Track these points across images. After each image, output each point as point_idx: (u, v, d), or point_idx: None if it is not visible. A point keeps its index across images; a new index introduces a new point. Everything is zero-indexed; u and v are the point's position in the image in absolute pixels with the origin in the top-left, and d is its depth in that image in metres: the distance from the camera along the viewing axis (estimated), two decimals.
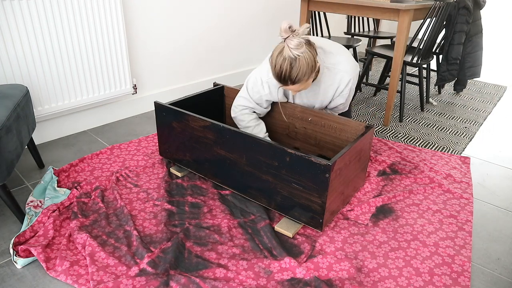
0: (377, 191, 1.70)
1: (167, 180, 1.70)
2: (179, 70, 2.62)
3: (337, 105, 1.72)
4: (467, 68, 2.84)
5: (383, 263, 1.29)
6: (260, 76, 1.66)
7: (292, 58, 1.36)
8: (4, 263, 1.24)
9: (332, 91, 1.65)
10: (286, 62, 1.37)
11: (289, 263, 1.24)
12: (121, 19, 2.08)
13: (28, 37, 1.77)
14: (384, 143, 2.15)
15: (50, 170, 1.68)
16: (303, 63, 1.37)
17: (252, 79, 1.69)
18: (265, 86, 1.65)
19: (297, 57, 1.36)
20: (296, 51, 1.35)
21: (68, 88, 1.99)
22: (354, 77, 1.63)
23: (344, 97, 1.67)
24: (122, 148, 1.97)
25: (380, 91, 3.10)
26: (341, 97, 1.67)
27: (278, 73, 1.41)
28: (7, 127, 1.31)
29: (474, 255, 1.36)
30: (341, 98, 1.68)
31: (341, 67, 1.60)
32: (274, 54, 1.41)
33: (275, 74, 1.43)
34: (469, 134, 2.37)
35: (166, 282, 1.15)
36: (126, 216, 1.44)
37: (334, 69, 1.60)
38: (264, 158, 1.39)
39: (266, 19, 3.15)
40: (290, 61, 1.37)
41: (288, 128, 1.82)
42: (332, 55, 1.61)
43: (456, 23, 2.61)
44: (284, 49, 1.37)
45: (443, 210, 1.58)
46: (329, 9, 2.42)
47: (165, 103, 1.69)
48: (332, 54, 1.61)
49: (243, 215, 1.49)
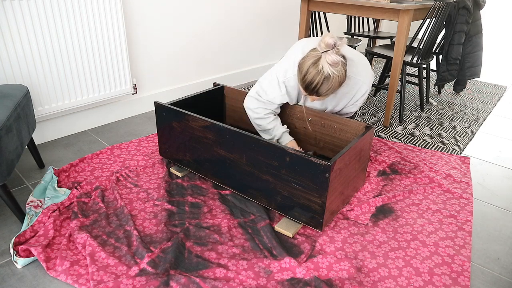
0: (377, 191, 1.70)
1: (167, 180, 1.70)
2: (179, 70, 2.63)
3: (347, 113, 1.72)
4: (467, 68, 2.84)
5: (383, 263, 1.29)
6: (276, 75, 1.62)
7: (328, 75, 1.34)
8: (4, 263, 1.24)
9: (347, 99, 1.63)
10: (320, 76, 1.35)
11: (289, 263, 1.25)
12: (121, 19, 2.08)
13: (28, 37, 1.77)
14: (384, 143, 2.16)
15: (50, 170, 1.68)
16: (336, 81, 1.36)
17: (268, 78, 1.65)
18: (282, 86, 1.62)
19: (333, 75, 1.34)
20: (333, 68, 1.34)
21: (68, 88, 1.99)
22: (370, 87, 1.63)
23: (357, 106, 1.67)
24: (122, 148, 1.97)
25: (380, 91, 3.10)
26: (354, 106, 1.67)
27: (308, 83, 1.39)
28: (7, 127, 1.31)
29: (474, 255, 1.37)
30: (354, 107, 1.67)
31: (361, 77, 1.58)
32: (307, 62, 1.38)
33: (303, 82, 1.40)
34: (469, 134, 2.37)
35: (166, 282, 1.15)
36: (126, 216, 1.44)
37: (355, 78, 1.58)
38: (264, 158, 1.39)
39: (266, 19, 3.15)
40: (324, 77, 1.35)
41: (288, 128, 1.82)
42: (353, 64, 1.58)
43: (456, 23, 2.61)
44: (321, 62, 1.35)
45: (443, 210, 1.58)
46: (329, 9, 2.43)
47: (165, 103, 1.69)
48: (354, 62, 1.58)
49: (243, 215, 1.49)
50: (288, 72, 1.59)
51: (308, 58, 1.38)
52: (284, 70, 1.60)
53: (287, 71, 1.59)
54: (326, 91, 1.39)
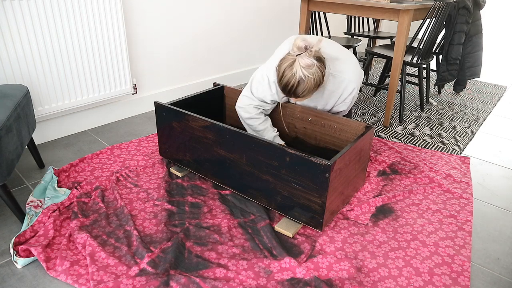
0: (377, 191, 1.70)
1: (167, 180, 1.70)
2: (179, 70, 2.63)
3: (338, 111, 1.72)
4: (467, 68, 2.84)
5: (383, 263, 1.29)
6: (267, 74, 1.62)
7: (301, 78, 1.36)
8: (4, 263, 1.24)
9: (335, 98, 1.64)
10: (294, 79, 1.37)
11: (289, 263, 1.25)
12: (121, 19, 2.08)
13: (28, 37, 1.77)
14: (384, 143, 2.16)
15: (50, 170, 1.68)
16: (311, 82, 1.38)
17: (258, 78, 1.66)
18: (272, 86, 1.62)
19: (307, 77, 1.36)
20: (306, 71, 1.35)
21: (68, 88, 1.99)
22: (358, 85, 1.62)
23: (346, 105, 1.67)
24: (122, 148, 1.97)
25: (380, 91, 3.10)
26: (343, 105, 1.66)
27: (284, 86, 1.41)
28: (7, 127, 1.31)
29: (474, 255, 1.37)
30: (343, 106, 1.67)
31: (346, 75, 1.58)
32: (283, 65, 1.39)
33: (280, 85, 1.42)
34: (469, 134, 2.37)
35: (166, 282, 1.15)
36: (126, 216, 1.44)
37: (340, 77, 1.58)
38: (264, 158, 1.40)
39: (266, 19, 3.15)
40: (298, 80, 1.37)
41: (288, 128, 1.82)
42: (339, 62, 1.59)
43: (456, 23, 2.61)
44: (295, 66, 1.36)
45: (443, 210, 1.58)
46: (329, 9, 2.43)
47: (165, 103, 1.69)
48: (339, 60, 1.59)
49: (243, 215, 1.49)
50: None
51: (284, 61, 1.41)
52: (273, 70, 1.61)
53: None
54: (302, 92, 1.41)
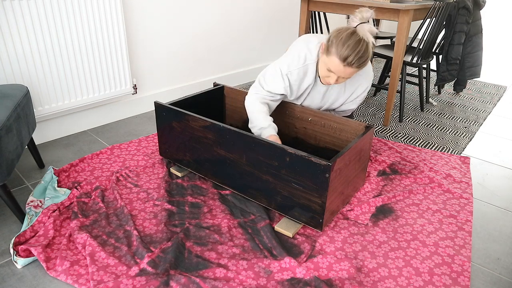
0: (377, 191, 1.70)
1: (167, 180, 1.70)
2: (179, 70, 2.63)
3: (346, 110, 1.71)
4: (467, 68, 2.84)
5: (383, 263, 1.29)
6: (280, 68, 1.62)
7: (368, 42, 1.38)
8: (4, 263, 1.24)
9: (347, 95, 1.63)
10: (362, 43, 1.37)
11: (289, 263, 1.24)
12: (121, 19, 2.08)
13: (28, 37, 1.77)
14: (384, 143, 2.16)
15: (50, 170, 1.68)
16: (371, 50, 1.40)
17: (270, 71, 1.64)
18: (285, 78, 1.62)
19: (372, 42, 1.39)
20: (370, 37, 1.38)
21: (68, 88, 1.99)
22: (370, 84, 1.64)
23: (357, 103, 1.67)
24: (122, 148, 1.97)
25: (380, 91, 3.10)
26: (354, 103, 1.66)
27: (350, 53, 1.38)
28: (7, 127, 1.31)
29: (474, 255, 1.37)
30: (354, 104, 1.67)
31: (363, 72, 1.59)
32: (344, 33, 1.39)
33: (343, 53, 1.39)
34: (469, 134, 2.37)
35: (166, 282, 1.15)
36: (126, 216, 1.44)
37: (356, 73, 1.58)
38: (264, 158, 1.40)
39: (266, 19, 3.15)
40: (367, 43, 1.38)
41: (288, 128, 1.82)
42: None
43: (456, 23, 2.61)
44: (360, 32, 1.38)
45: (443, 210, 1.58)
46: (329, 9, 2.43)
47: (165, 103, 1.69)
48: None
49: (243, 215, 1.49)
50: (292, 66, 1.59)
51: (342, 31, 1.40)
52: (287, 64, 1.60)
53: (290, 65, 1.59)
54: (367, 59, 1.41)
